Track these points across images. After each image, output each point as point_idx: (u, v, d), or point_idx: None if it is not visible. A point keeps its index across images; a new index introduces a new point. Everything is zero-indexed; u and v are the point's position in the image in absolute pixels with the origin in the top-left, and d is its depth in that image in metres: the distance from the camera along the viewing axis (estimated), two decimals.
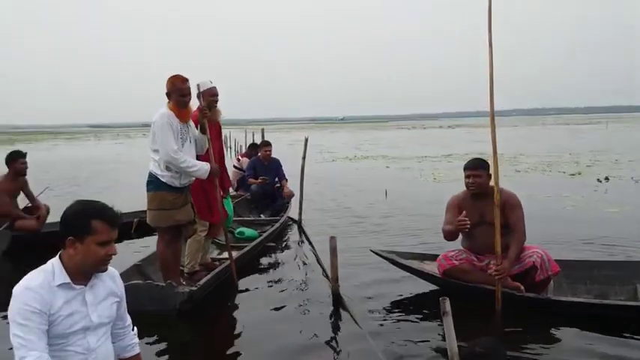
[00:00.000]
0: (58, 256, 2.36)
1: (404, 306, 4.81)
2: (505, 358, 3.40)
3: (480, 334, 4.06)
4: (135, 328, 2.70)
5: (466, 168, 4.67)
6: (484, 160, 4.71)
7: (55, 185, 12.88)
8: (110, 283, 2.49)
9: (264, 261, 6.54)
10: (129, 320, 2.66)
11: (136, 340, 2.68)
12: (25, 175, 7.14)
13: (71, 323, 2.30)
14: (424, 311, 4.64)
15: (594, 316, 4.18)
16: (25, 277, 2.30)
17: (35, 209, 7.18)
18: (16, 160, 7.03)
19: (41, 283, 2.25)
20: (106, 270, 2.42)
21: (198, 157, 5.04)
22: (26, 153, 7.25)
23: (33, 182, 7.42)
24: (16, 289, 2.25)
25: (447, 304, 2.30)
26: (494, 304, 4.30)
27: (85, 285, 2.37)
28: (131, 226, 7.62)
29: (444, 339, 2.41)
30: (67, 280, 2.30)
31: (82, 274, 2.35)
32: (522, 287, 4.41)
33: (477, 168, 4.61)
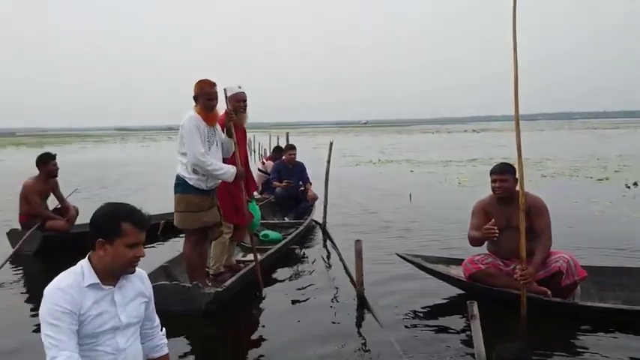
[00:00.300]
0: (87, 258, 2.39)
1: (429, 310, 4.81)
2: None
3: (506, 338, 4.06)
4: (163, 328, 2.73)
5: (492, 172, 4.66)
6: (510, 165, 4.69)
7: (83, 187, 13.10)
8: (139, 283, 2.52)
9: (289, 263, 6.58)
10: (157, 321, 2.69)
11: (165, 340, 2.71)
12: (56, 176, 7.30)
13: (100, 323, 2.32)
14: (449, 315, 4.64)
15: (622, 322, 4.14)
16: (56, 278, 2.33)
17: (65, 210, 7.33)
18: (47, 162, 7.19)
19: (71, 283, 2.28)
20: (134, 271, 2.45)
21: (225, 161, 5.11)
22: (56, 155, 7.42)
23: (61, 184, 7.56)
24: (47, 290, 2.28)
25: (474, 308, 2.30)
26: (520, 308, 4.27)
27: (114, 286, 2.40)
28: (158, 228, 7.72)
29: (469, 343, 2.41)
30: (96, 280, 2.33)
31: (110, 275, 2.37)
32: (549, 292, 4.38)
33: (503, 172, 4.59)
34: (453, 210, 9.71)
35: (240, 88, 5.43)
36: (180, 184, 4.89)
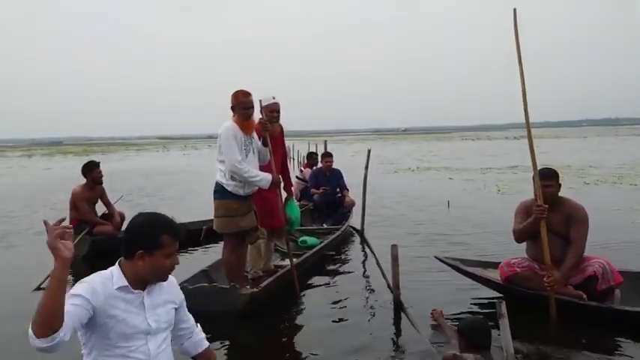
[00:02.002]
0: (117, 264, 2.42)
1: (465, 313, 4.84)
2: None
3: (537, 340, 4.13)
4: (198, 324, 2.78)
5: (540, 177, 4.64)
6: (554, 170, 4.72)
7: (127, 195, 13.49)
8: (168, 290, 2.55)
9: (327, 268, 6.71)
10: (192, 320, 2.73)
11: (203, 334, 2.77)
12: (101, 183, 7.62)
13: (131, 325, 2.35)
14: (485, 317, 4.68)
15: None
16: (88, 276, 2.37)
17: (111, 216, 7.63)
18: (92, 169, 7.53)
19: (97, 280, 2.32)
20: (167, 279, 2.50)
21: (261, 168, 5.29)
22: (100, 162, 7.75)
23: (106, 191, 7.86)
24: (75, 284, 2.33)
25: (503, 307, 2.39)
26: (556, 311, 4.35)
27: (143, 290, 2.43)
28: (200, 234, 7.95)
29: (498, 341, 2.49)
30: (126, 283, 2.37)
31: (141, 282, 2.41)
32: (584, 296, 4.40)
33: (547, 178, 4.61)
34: (491, 217, 9.73)
35: (274, 98, 5.65)
36: (219, 191, 5.10)
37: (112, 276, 2.36)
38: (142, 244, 2.34)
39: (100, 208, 7.79)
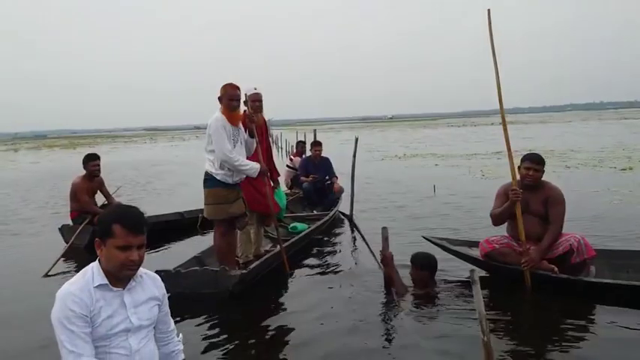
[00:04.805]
0: (97, 260, 2.40)
1: (451, 289, 5.11)
2: None
3: (513, 309, 4.59)
4: (180, 334, 2.75)
5: (531, 161, 4.97)
6: (542, 157, 5.06)
7: (124, 185, 13.73)
8: (151, 286, 2.53)
9: (316, 252, 7.01)
10: (172, 325, 2.67)
11: (181, 346, 2.68)
12: (98, 175, 7.90)
13: (112, 325, 2.34)
14: (465, 288, 5.03)
15: (632, 301, 4.41)
16: (68, 281, 2.37)
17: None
18: (86, 162, 7.83)
19: (81, 287, 2.31)
20: (131, 275, 2.41)
21: (248, 159, 5.61)
22: (99, 156, 8.02)
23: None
24: (59, 293, 2.30)
25: (475, 274, 2.73)
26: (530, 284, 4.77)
27: (123, 288, 2.41)
28: (197, 222, 8.26)
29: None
30: (105, 281, 2.35)
31: (113, 277, 2.38)
32: (556, 269, 4.76)
33: (540, 163, 4.96)
34: (475, 200, 10.10)
35: (255, 89, 6.02)
36: (209, 180, 5.43)
37: (92, 273, 2.36)
38: (98, 232, 2.36)
39: (100, 199, 8.07)
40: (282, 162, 14.49)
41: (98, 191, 7.94)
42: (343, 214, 9.19)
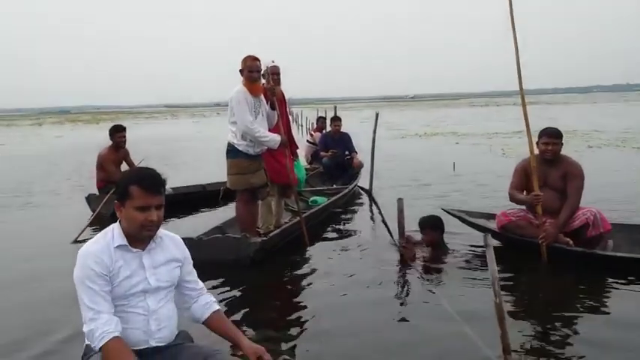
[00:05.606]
0: (118, 221, 2.43)
1: (469, 262, 5.20)
2: None
3: (529, 279, 4.71)
4: (209, 294, 2.73)
5: (548, 135, 5.01)
6: (560, 130, 5.10)
7: (148, 159, 13.96)
8: (172, 248, 2.54)
9: (335, 223, 7.15)
10: (201, 284, 2.67)
11: (213, 299, 2.67)
12: (123, 147, 8.10)
13: (130, 285, 2.38)
14: (481, 258, 5.14)
15: None
16: (90, 240, 2.42)
17: None
18: (113, 134, 8.02)
19: (102, 247, 2.35)
20: (151, 235, 2.43)
21: (270, 130, 5.73)
22: (125, 127, 8.22)
23: None
24: (80, 252, 2.36)
25: (488, 238, 2.82)
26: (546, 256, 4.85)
27: (143, 249, 2.43)
28: (219, 194, 8.42)
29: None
30: (125, 242, 2.38)
31: (132, 238, 2.40)
32: (571, 242, 4.84)
33: (558, 137, 5.01)
34: (494, 177, 10.14)
35: (273, 62, 6.13)
36: (231, 151, 5.58)
37: (113, 234, 2.39)
38: (117, 194, 2.39)
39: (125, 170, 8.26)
40: (302, 139, 14.59)
41: (123, 162, 8.13)
42: (363, 189, 9.27)
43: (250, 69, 5.48)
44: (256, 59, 5.55)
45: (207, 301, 2.61)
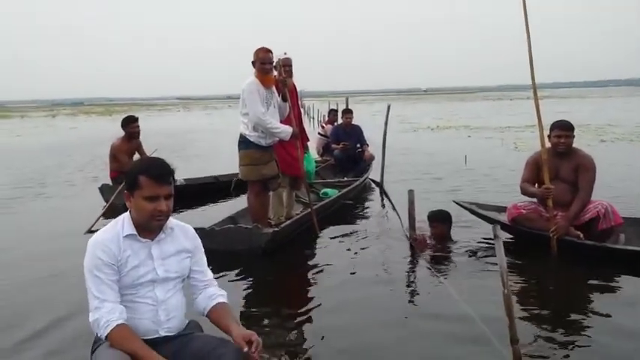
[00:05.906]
0: (128, 211, 2.44)
1: (479, 253, 5.22)
2: None
3: (539, 271, 4.70)
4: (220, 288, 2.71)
5: (560, 128, 5.02)
6: (571, 123, 5.09)
7: (160, 150, 14.06)
8: (182, 239, 2.53)
9: (346, 215, 7.19)
10: (209, 275, 2.64)
11: (221, 291, 2.62)
12: (137, 137, 8.17)
13: (138, 275, 2.39)
14: (490, 249, 5.17)
15: None
16: (100, 230, 2.44)
17: None
18: (126, 124, 8.09)
19: (111, 236, 2.36)
20: (160, 225, 2.42)
21: (281, 122, 5.76)
22: (138, 118, 8.28)
23: None
24: (90, 241, 2.37)
25: (497, 229, 2.84)
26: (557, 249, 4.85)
27: (152, 239, 2.44)
28: (230, 185, 8.47)
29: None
30: (134, 232, 2.39)
31: (142, 228, 2.41)
32: (581, 235, 4.84)
33: (569, 129, 5.01)
34: (506, 171, 10.12)
35: (285, 54, 6.15)
36: (243, 142, 5.63)
37: (123, 224, 2.40)
38: (127, 184, 2.39)
39: None
40: (313, 132, 14.62)
41: (136, 152, 8.20)
42: (374, 181, 9.30)
43: (263, 61, 5.52)
44: (269, 51, 5.59)
45: (212, 293, 2.57)
